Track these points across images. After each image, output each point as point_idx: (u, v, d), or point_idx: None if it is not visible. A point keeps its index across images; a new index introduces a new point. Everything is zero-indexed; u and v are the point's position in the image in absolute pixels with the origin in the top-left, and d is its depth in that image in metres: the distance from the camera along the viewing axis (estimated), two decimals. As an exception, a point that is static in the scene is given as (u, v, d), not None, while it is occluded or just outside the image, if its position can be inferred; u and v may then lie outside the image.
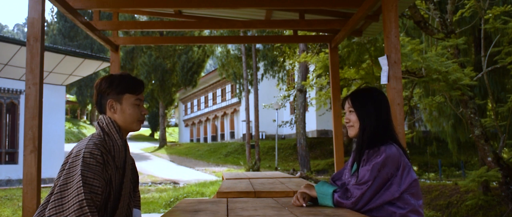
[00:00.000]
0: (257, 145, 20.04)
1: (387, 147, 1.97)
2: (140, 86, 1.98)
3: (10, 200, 10.14)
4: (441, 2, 9.75)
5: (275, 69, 24.44)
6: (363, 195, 1.90)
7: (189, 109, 45.05)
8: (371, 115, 2.07)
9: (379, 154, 1.95)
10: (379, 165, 1.92)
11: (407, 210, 1.94)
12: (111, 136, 1.89)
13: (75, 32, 35.41)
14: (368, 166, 1.95)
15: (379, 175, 1.92)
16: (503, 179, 7.80)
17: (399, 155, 1.97)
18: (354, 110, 2.12)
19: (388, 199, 1.92)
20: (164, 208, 9.46)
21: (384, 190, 1.93)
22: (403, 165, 1.97)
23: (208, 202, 2.27)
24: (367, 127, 2.06)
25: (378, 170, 1.92)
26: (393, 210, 1.93)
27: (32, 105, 3.09)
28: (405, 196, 1.95)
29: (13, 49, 13.01)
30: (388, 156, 1.94)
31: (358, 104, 2.12)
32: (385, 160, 1.93)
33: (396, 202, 1.94)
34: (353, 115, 2.12)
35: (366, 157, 2.01)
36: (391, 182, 1.93)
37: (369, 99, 2.11)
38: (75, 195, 1.65)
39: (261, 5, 4.34)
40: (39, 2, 3.17)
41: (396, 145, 2.00)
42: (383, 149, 1.96)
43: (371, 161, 1.96)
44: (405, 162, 1.98)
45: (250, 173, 5.75)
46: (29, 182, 3.00)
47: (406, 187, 1.95)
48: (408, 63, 7.00)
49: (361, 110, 2.10)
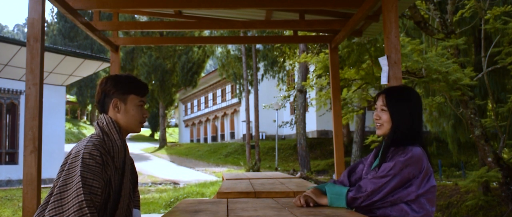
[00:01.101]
0: (257, 146, 20.03)
1: (414, 147, 1.93)
2: (146, 88, 2.01)
3: (10, 200, 10.14)
4: (441, 2, 9.75)
5: (275, 69, 24.44)
6: (379, 189, 1.87)
7: (189, 110, 45.05)
8: (405, 116, 2.01)
9: (405, 153, 1.91)
10: (402, 164, 1.89)
11: (421, 215, 1.92)
12: (111, 136, 1.89)
13: (75, 33, 35.41)
14: (391, 163, 1.91)
15: (400, 173, 1.88)
16: (503, 179, 7.80)
17: (424, 158, 1.94)
18: (387, 109, 2.04)
19: (404, 199, 1.89)
20: (164, 209, 9.46)
21: (403, 188, 1.90)
22: (426, 169, 1.94)
23: (208, 203, 2.27)
24: (400, 128, 2.00)
25: (400, 168, 1.88)
26: (407, 211, 1.91)
27: (32, 105, 3.09)
28: (422, 200, 1.92)
29: (13, 49, 13.01)
30: (413, 156, 1.90)
31: (393, 103, 2.04)
32: (410, 160, 1.89)
33: (412, 204, 1.91)
34: (385, 114, 2.05)
35: (391, 154, 1.98)
36: (411, 183, 1.90)
37: (405, 99, 2.04)
38: (75, 196, 1.64)
39: (261, 5, 4.34)
40: (39, 2, 3.17)
41: (422, 149, 1.97)
42: (410, 148, 1.93)
43: (394, 159, 1.92)
44: (428, 166, 1.95)
45: (250, 174, 5.75)
46: (29, 182, 3.00)
47: (424, 191, 1.92)
48: (408, 63, 7.00)
49: (396, 110, 2.03)
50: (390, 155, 1.98)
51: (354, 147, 17.20)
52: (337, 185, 2.03)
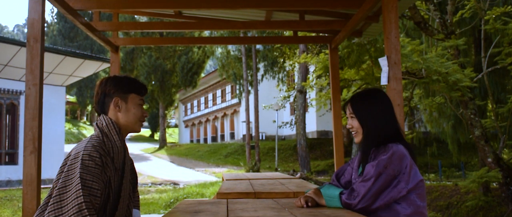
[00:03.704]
0: (257, 146, 20.03)
1: (394, 145, 1.94)
2: (145, 88, 2.06)
3: (10, 200, 10.14)
4: (441, 3, 9.75)
5: (275, 70, 24.44)
6: (369, 191, 1.86)
7: (189, 110, 45.05)
8: (373, 118, 2.03)
9: (386, 151, 1.91)
10: (385, 162, 1.89)
11: (412, 211, 1.91)
12: (110, 137, 1.89)
13: (75, 33, 35.41)
14: (373, 162, 1.91)
15: (385, 172, 1.88)
16: (503, 180, 7.80)
17: (406, 154, 1.94)
18: (355, 115, 2.07)
19: (396, 197, 1.88)
20: (164, 209, 9.45)
21: (392, 187, 1.89)
22: (410, 164, 1.94)
23: (208, 203, 2.27)
24: (371, 131, 2.02)
25: (384, 166, 1.88)
26: (398, 210, 1.90)
27: (32, 106, 3.09)
28: (411, 197, 1.92)
29: (13, 49, 13.01)
30: (395, 153, 1.90)
31: (358, 109, 2.07)
32: (392, 157, 1.89)
33: (402, 202, 1.91)
34: (355, 121, 2.07)
35: (373, 155, 1.98)
36: (399, 180, 1.90)
37: (369, 102, 2.06)
38: (74, 198, 1.64)
39: (261, 5, 4.34)
40: (39, 2, 3.17)
41: (403, 145, 1.97)
42: (391, 146, 1.93)
43: (377, 158, 1.92)
44: (412, 162, 1.95)
45: (250, 174, 5.74)
46: (29, 183, 2.99)
47: (413, 186, 1.91)
48: (408, 64, 7.00)
49: (362, 115, 2.05)
50: (373, 156, 1.98)
51: (354, 147, 17.20)
52: (332, 187, 2.02)
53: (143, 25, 5.81)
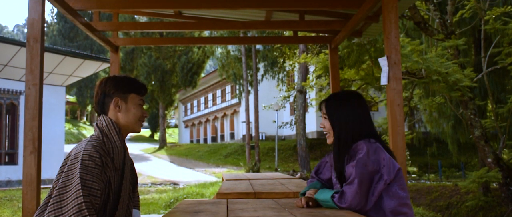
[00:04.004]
0: (257, 146, 20.03)
1: (365, 141, 1.94)
2: (145, 88, 2.06)
3: (10, 201, 10.13)
4: (441, 3, 9.76)
5: (275, 70, 24.44)
6: (356, 194, 1.86)
7: (189, 110, 45.05)
8: (345, 121, 2.04)
9: (361, 149, 1.92)
10: (363, 160, 1.89)
11: (397, 204, 1.91)
12: (110, 137, 1.90)
13: (75, 33, 35.41)
14: (353, 163, 1.91)
15: (366, 170, 1.88)
16: (503, 180, 7.80)
17: (380, 147, 1.95)
18: (328, 116, 2.09)
19: (382, 188, 1.89)
20: (164, 209, 9.45)
21: (377, 182, 1.89)
22: (387, 156, 1.94)
23: (208, 203, 2.27)
24: (342, 134, 2.03)
25: (364, 164, 1.88)
26: (382, 206, 1.90)
27: (32, 106, 3.09)
28: (393, 188, 1.92)
29: (13, 50, 13.01)
30: (370, 148, 1.92)
31: (332, 110, 2.08)
32: (368, 152, 1.90)
33: (384, 196, 1.90)
34: (327, 121, 2.09)
35: (348, 156, 1.98)
36: (381, 173, 1.90)
37: (344, 104, 2.07)
38: (74, 198, 1.64)
39: (261, 6, 4.34)
40: (39, 3, 3.17)
41: (375, 139, 1.98)
42: (362, 143, 1.94)
43: (354, 158, 1.92)
44: (387, 154, 1.96)
45: (250, 174, 5.74)
46: (29, 183, 2.99)
47: (393, 176, 1.91)
48: (408, 64, 7.00)
49: (335, 117, 2.07)
50: (348, 157, 1.98)
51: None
52: (325, 191, 2.01)
53: (143, 25, 5.81)
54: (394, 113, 3.23)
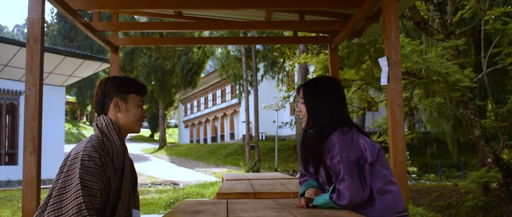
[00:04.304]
0: (257, 146, 20.02)
1: (339, 132, 1.94)
2: (145, 88, 2.07)
3: (10, 201, 10.13)
4: (441, 3, 9.76)
5: (275, 70, 24.45)
6: (352, 187, 1.85)
7: (189, 110, 45.05)
8: (321, 107, 2.04)
9: (336, 141, 1.92)
10: (345, 152, 1.89)
11: (382, 183, 1.92)
12: (110, 137, 1.90)
13: (75, 33, 35.42)
14: (336, 159, 1.91)
15: (352, 161, 1.88)
16: (503, 180, 7.80)
17: (355, 132, 1.96)
18: (304, 101, 2.10)
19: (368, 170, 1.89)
20: (164, 209, 9.45)
21: (362, 167, 1.90)
22: (366, 139, 1.95)
23: (208, 203, 2.26)
24: (316, 120, 2.03)
25: (347, 157, 1.89)
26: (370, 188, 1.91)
27: (32, 106, 3.09)
28: (376, 169, 1.93)
29: (13, 50, 13.01)
30: (343, 136, 1.92)
31: (309, 95, 2.09)
32: (344, 143, 1.91)
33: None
34: (303, 106, 2.11)
35: (326, 152, 1.98)
36: (365, 157, 1.91)
37: (321, 90, 2.07)
38: (74, 198, 1.64)
39: (261, 6, 4.34)
40: (39, 3, 3.17)
41: (348, 127, 1.98)
42: (336, 136, 1.93)
43: (334, 154, 1.92)
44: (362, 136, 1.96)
45: (250, 174, 5.74)
46: (29, 183, 2.99)
47: (376, 156, 1.92)
48: (408, 64, 7.00)
49: (311, 102, 2.07)
50: (326, 152, 1.97)
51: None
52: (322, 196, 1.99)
53: (143, 25, 5.81)
54: (394, 113, 3.23)
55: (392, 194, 1.93)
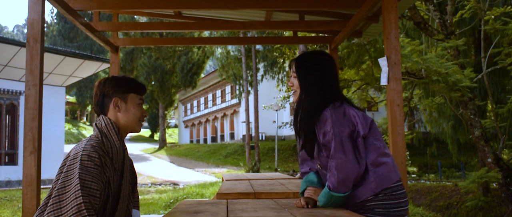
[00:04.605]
0: (257, 146, 20.02)
1: (330, 107, 1.94)
2: (144, 87, 2.07)
3: (10, 201, 10.13)
4: (441, 3, 9.76)
5: (275, 70, 24.43)
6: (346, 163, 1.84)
7: (189, 110, 45.05)
8: (313, 81, 2.04)
9: (328, 117, 1.91)
10: (337, 128, 1.88)
11: (376, 155, 1.92)
12: (109, 137, 1.90)
13: (75, 33, 35.41)
14: (328, 136, 1.90)
15: (343, 136, 1.87)
16: (503, 180, 7.80)
17: (347, 106, 1.96)
18: (297, 75, 2.09)
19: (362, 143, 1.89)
20: (163, 209, 9.44)
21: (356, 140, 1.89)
22: (354, 110, 1.95)
23: (208, 203, 2.26)
24: (309, 95, 2.03)
25: (339, 132, 1.88)
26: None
27: (31, 106, 3.09)
28: (369, 141, 1.92)
29: (13, 50, 13.00)
30: (334, 111, 1.92)
31: (301, 69, 2.08)
32: (337, 118, 1.90)
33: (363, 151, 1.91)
34: (296, 81, 2.10)
35: (318, 129, 1.97)
36: (357, 130, 1.90)
37: (314, 65, 2.07)
38: (73, 198, 1.64)
39: (261, 6, 4.34)
40: (39, 3, 3.17)
41: (340, 102, 1.98)
42: (328, 112, 1.93)
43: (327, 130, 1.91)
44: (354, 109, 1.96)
45: (250, 174, 5.74)
46: (28, 183, 2.99)
47: (368, 129, 1.92)
48: (408, 64, 7.01)
49: (304, 76, 2.06)
50: (318, 126, 1.96)
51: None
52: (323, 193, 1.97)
53: (143, 25, 5.81)
54: (394, 113, 3.23)
55: (386, 166, 1.93)
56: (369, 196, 1.91)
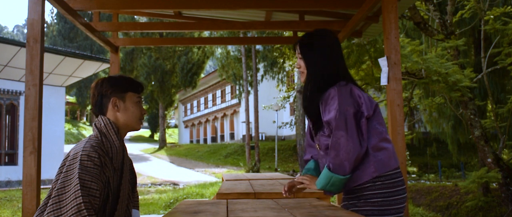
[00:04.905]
0: (257, 146, 20.03)
1: (336, 86, 1.93)
2: (141, 86, 2.07)
3: (10, 201, 10.13)
4: (441, 3, 9.76)
5: (275, 70, 24.43)
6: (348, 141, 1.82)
7: (189, 110, 45.05)
8: (318, 60, 2.03)
9: (334, 95, 1.90)
10: (344, 106, 1.86)
11: (378, 139, 1.90)
12: (109, 137, 1.90)
13: (75, 33, 35.41)
14: (332, 114, 1.87)
15: (348, 114, 1.85)
16: (503, 180, 7.80)
17: (353, 86, 1.94)
18: (302, 56, 2.08)
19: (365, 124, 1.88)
20: (163, 210, 9.44)
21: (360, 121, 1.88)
22: (364, 94, 1.94)
23: (208, 204, 2.26)
24: (315, 73, 2.02)
25: (345, 110, 1.86)
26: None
27: (31, 106, 3.09)
28: (372, 124, 1.91)
29: (13, 50, 13.00)
30: (340, 90, 1.90)
31: (306, 49, 2.07)
32: (342, 96, 1.88)
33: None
34: (302, 62, 2.09)
35: (323, 107, 1.95)
36: (362, 111, 1.89)
37: (317, 43, 2.05)
38: (73, 198, 1.64)
39: (261, 6, 4.34)
40: (39, 3, 3.17)
41: (346, 81, 1.96)
42: (334, 91, 1.91)
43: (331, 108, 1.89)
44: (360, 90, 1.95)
45: (250, 174, 5.74)
46: (28, 183, 2.99)
47: (373, 112, 1.91)
48: (408, 64, 7.00)
49: (309, 56, 2.05)
50: (323, 107, 1.94)
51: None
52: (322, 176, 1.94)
53: (143, 25, 5.81)
54: (394, 113, 3.24)
55: (386, 152, 1.92)
56: (367, 181, 1.89)
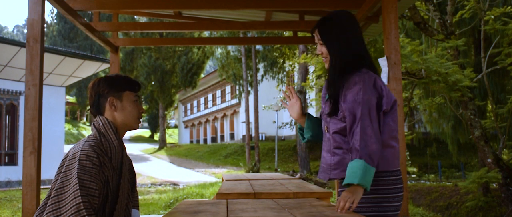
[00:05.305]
0: (257, 146, 20.02)
1: (361, 72, 1.91)
2: (138, 84, 2.07)
3: (10, 201, 10.13)
4: (441, 3, 9.76)
5: (275, 70, 24.43)
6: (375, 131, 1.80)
7: (188, 110, 45.04)
8: (340, 43, 1.98)
9: (357, 82, 1.87)
10: (368, 95, 1.84)
11: (388, 136, 1.90)
12: (108, 137, 1.90)
13: (75, 33, 35.40)
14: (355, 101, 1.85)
15: (372, 105, 1.84)
16: (503, 180, 7.79)
17: (374, 76, 1.92)
18: (323, 41, 2.04)
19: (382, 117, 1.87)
20: (163, 210, 9.44)
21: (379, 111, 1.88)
22: (385, 87, 1.93)
23: (208, 204, 2.26)
24: (340, 56, 1.97)
25: (368, 100, 1.84)
26: None
27: (31, 106, 3.09)
28: (387, 120, 1.90)
29: (13, 50, 13.00)
30: (365, 79, 1.88)
31: (326, 34, 2.02)
32: (368, 85, 1.87)
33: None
34: (323, 47, 2.04)
35: (344, 91, 1.92)
36: (382, 103, 1.88)
37: (336, 28, 2.01)
38: (72, 198, 1.64)
39: (261, 6, 4.34)
40: (38, 3, 3.17)
41: (367, 69, 1.95)
42: (359, 77, 1.89)
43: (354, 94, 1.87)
44: (382, 82, 1.94)
45: (250, 175, 5.74)
46: (28, 183, 2.99)
47: (390, 107, 1.90)
48: (408, 64, 7.00)
49: (330, 42, 2.01)
50: (344, 89, 1.92)
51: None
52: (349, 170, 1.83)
53: (143, 25, 5.82)
54: (394, 114, 3.23)
55: (393, 150, 1.92)
56: None
